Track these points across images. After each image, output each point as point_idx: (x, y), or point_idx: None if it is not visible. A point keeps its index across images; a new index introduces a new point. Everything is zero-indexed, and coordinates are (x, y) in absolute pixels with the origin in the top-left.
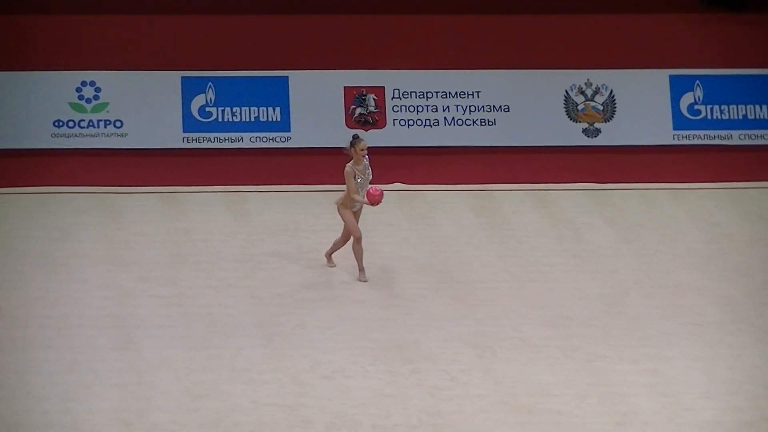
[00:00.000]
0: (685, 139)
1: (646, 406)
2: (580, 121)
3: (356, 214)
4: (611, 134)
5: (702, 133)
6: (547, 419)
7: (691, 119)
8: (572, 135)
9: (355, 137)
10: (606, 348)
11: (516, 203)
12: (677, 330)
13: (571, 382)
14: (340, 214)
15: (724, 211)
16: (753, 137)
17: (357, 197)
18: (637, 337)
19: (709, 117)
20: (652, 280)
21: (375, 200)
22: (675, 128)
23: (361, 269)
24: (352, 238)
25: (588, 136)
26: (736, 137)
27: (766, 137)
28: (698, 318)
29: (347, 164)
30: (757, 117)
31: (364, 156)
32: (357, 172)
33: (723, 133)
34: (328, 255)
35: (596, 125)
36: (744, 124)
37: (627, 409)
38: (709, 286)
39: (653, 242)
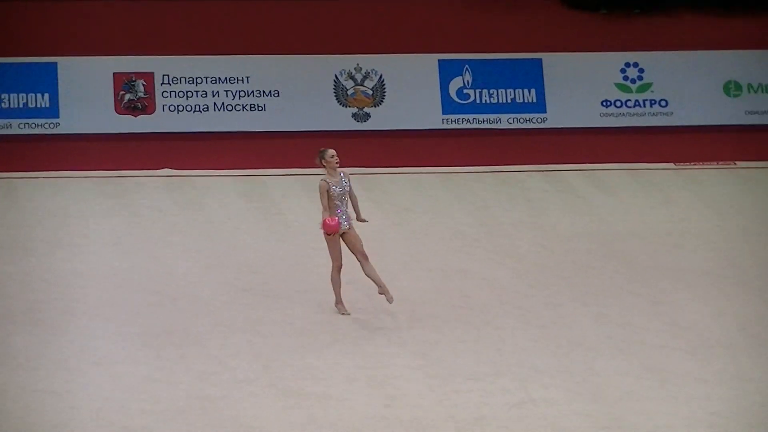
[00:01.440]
0: (454, 123)
1: (413, 388)
2: (349, 106)
3: (348, 237)
4: (381, 119)
5: (471, 117)
6: (315, 402)
7: (460, 103)
8: (342, 120)
9: (321, 150)
10: (371, 331)
11: (286, 188)
12: (444, 313)
13: (338, 365)
14: (324, 238)
15: (491, 194)
16: (521, 121)
17: (326, 210)
18: (404, 320)
19: (477, 101)
20: (420, 263)
21: (330, 230)
22: (444, 112)
23: (339, 302)
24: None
25: (358, 121)
26: (505, 121)
27: (533, 121)
28: (465, 300)
29: (321, 178)
30: (525, 101)
31: (336, 165)
32: (332, 183)
33: (491, 116)
34: (338, 303)
35: (366, 110)
36: (512, 107)
37: (395, 392)
38: (476, 269)
39: (421, 225)
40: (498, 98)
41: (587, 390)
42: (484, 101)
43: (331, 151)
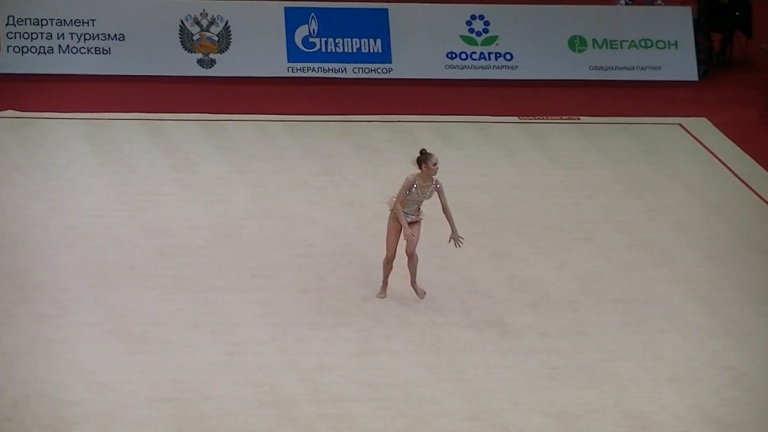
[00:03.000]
0: (299, 71)
1: (255, 336)
2: (195, 52)
3: (412, 227)
4: (226, 65)
5: (316, 65)
6: (157, 348)
7: (305, 51)
8: (187, 65)
9: (426, 153)
10: (217, 278)
11: (129, 132)
12: (288, 261)
13: (181, 311)
14: (389, 220)
15: (336, 143)
16: (366, 71)
17: (400, 212)
18: (247, 268)
19: (323, 50)
20: (264, 211)
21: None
22: (290, 60)
23: (383, 286)
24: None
25: (203, 67)
26: (350, 70)
27: (379, 71)
28: (309, 249)
29: (411, 174)
30: (371, 51)
31: (435, 173)
32: (418, 186)
33: (337, 66)
34: (415, 286)
35: (211, 56)
36: (358, 57)
37: (237, 338)
38: (319, 218)
39: (266, 173)
40: (344, 47)
41: (428, 341)
42: (329, 50)
43: (436, 158)
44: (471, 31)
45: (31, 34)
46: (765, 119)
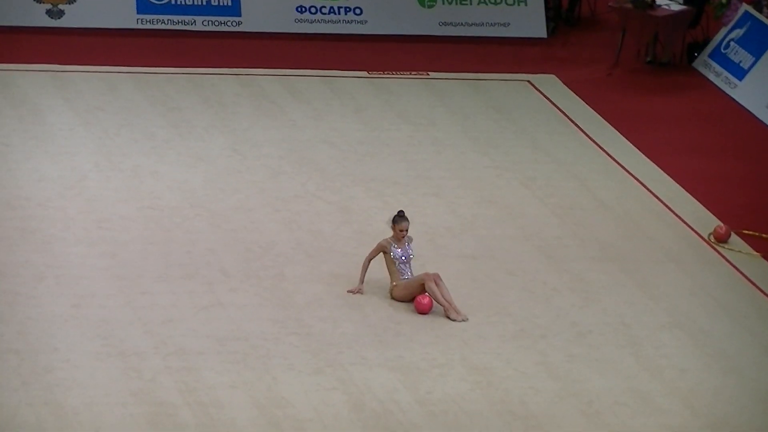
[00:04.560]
0: (148, 23)
1: (102, 288)
2: (44, 2)
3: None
4: (75, 16)
5: (165, 17)
6: (2, 299)
7: (155, 4)
8: (36, 16)
9: (399, 215)
10: (63, 230)
11: None
12: (134, 214)
13: (27, 263)
14: (398, 298)
15: (184, 96)
16: (216, 23)
17: (364, 268)
18: (94, 220)
19: (173, 2)
20: (111, 164)
21: (423, 309)
22: (139, 12)
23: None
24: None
25: (52, 18)
26: (200, 23)
27: (228, 24)
28: (155, 202)
29: (384, 239)
30: (221, 3)
31: (401, 237)
32: (394, 247)
33: (186, 18)
34: (451, 310)
35: (60, 6)
36: (207, 10)
37: (83, 291)
38: (167, 171)
39: (113, 126)
40: (193, 0)
41: (275, 296)
42: (179, 2)
43: (406, 224)
44: None
45: None
46: (611, 77)
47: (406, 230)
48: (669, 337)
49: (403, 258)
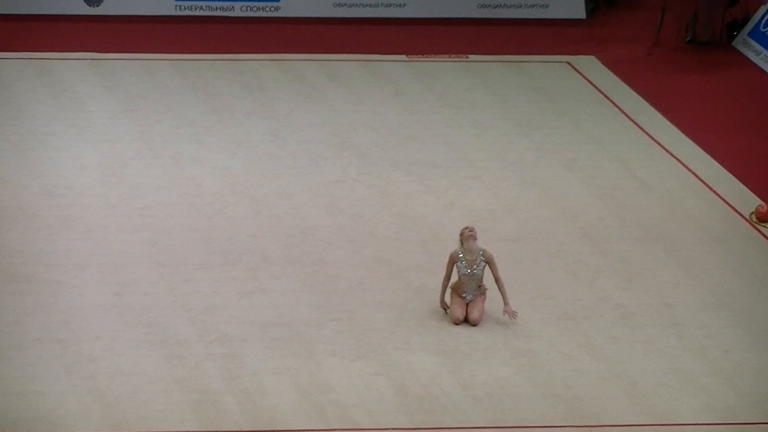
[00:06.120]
0: (187, 9)
1: (144, 276)
2: None
3: (474, 303)
4: (114, 3)
5: (204, 3)
6: (45, 289)
7: None
8: (74, 4)
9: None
10: (105, 218)
11: (16, 72)
12: (176, 201)
13: (69, 252)
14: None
15: (224, 82)
16: (254, 9)
17: (443, 291)
18: (136, 207)
19: None
20: (152, 151)
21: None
22: None
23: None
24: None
25: (90, 5)
26: (238, 9)
27: (266, 9)
28: (197, 189)
29: (453, 250)
30: None
31: (469, 237)
32: (462, 259)
33: (224, 4)
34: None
35: None
36: None
37: (126, 279)
38: (208, 158)
39: (153, 113)
40: None
41: (318, 281)
42: None
43: (467, 228)
44: None
45: None
46: (651, 57)
47: (469, 230)
48: (712, 317)
49: (467, 272)
